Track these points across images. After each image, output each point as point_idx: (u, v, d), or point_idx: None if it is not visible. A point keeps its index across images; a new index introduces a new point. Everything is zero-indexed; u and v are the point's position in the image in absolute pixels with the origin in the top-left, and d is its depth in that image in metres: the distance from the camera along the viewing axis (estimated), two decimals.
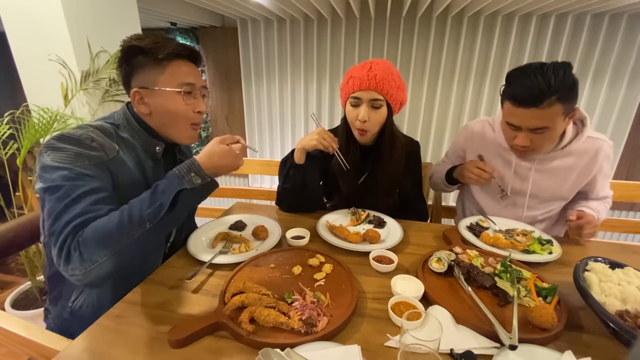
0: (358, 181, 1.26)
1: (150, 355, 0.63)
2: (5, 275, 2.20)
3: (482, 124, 1.27)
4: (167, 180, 0.75)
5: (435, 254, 0.91)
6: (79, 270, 0.67)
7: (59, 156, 0.73)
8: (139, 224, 0.69)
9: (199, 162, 0.77)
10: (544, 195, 1.19)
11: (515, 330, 0.63)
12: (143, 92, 0.84)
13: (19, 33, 1.56)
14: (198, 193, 0.77)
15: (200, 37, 3.10)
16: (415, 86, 2.78)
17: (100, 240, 0.67)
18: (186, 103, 0.86)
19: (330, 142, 1.11)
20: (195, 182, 0.75)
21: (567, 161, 1.13)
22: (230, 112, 3.33)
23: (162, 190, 0.73)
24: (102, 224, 0.69)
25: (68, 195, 0.70)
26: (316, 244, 1.04)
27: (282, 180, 1.21)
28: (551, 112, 0.95)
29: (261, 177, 3.44)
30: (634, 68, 2.37)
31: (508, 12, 2.32)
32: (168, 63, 0.83)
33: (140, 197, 0.74)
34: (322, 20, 2.73)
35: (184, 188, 0.73)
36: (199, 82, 0.88)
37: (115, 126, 0.86)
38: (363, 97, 1.08)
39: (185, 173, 0.75)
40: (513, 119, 1.02)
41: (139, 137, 0.88)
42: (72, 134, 0.76)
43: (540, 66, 0.95)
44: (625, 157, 2.60)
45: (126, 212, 0.70)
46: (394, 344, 0.65)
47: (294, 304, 0.72)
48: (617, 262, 0.81)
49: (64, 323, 0.86)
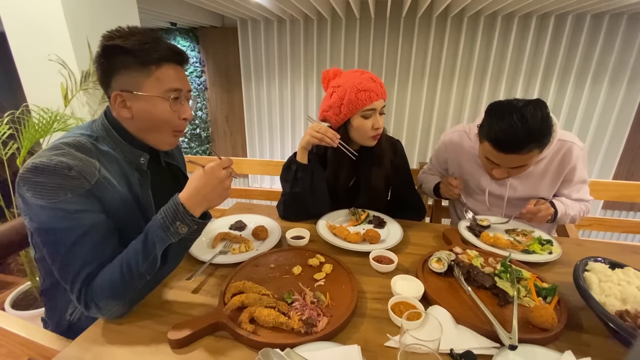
0: (349, 184, 1.28)
1: (150, 355, 0.63)
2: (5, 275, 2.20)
3: (459, 134, 1.30)
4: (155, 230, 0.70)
5: (435, 254, 0.91)
6: (100, 314, 0.71)
7: (39, 192, 0.67)
8: (139, 277, 0.70)
9: (184, 207, 0.69)
10: (522, 198, 1.21)
11: (515, 330, 0.63)
12: (125, 95, 0.77)
13: (19, 33, 1.56)
14: (186, 241, 0.74)
15: (200, 37, 3.10)
16: (415, 86, 2.78)
17: (109, 295, 0.68)
18: (173, 110, 0.80)
19: (325, 132, 1.09)
20: (181, 231, 0.69)
21: (541, 165, 1.17)
22: (230, 112, 3.33)
23: (152, 242, 0.69)
24: (107, 279, 0.69)
25: (63, 243, 0.68)
26: (316, 244, 1.04)
27: (290, 185, 1.16)
28: (530, 155, 1.00)
29: (261, 177, 3.44)
30: (634, 68, 2.37)
31: (508, 12, 2.32)
32: (156, 68, 0.77)
33: (134, 245, 0.71)
34: (322, 20, 2.73)
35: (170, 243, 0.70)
36: (186, 87, 0.83)
37: (94, 139, 0.78)
38: (377, 106, 1.10)
39: (170, 223, 0.69)
40: (493, 158, 1.06)
41: (121, 150, 0.81)
42: (47, 164, 0.67)
43: (520, 110, 0.95)
44: (625, 157, 2.61)
45: (125, 266, 0.69)
46: (394, 344, 0.65)
47: (294, 304, 0.72)
48: (617, 262, 0.81)
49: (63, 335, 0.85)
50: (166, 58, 0.78)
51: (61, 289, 0.84)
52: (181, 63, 0.83)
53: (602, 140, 2.59)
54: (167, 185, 0.96)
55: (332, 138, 1.08)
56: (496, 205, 1.26)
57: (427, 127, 2.89)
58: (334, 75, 1.17)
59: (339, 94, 1.10)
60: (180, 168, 1.03)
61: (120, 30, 0.76)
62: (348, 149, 1.12)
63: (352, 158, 1.14)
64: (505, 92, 2.61)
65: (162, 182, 0.93)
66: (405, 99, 2.83)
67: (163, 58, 0.77)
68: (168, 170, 0.98)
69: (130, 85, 0.76)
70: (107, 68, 0.76)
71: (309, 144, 1.11)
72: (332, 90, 1.13)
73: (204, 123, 3.40)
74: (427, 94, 2.77)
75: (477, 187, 1.27)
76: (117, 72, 0.76)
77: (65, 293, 0.84)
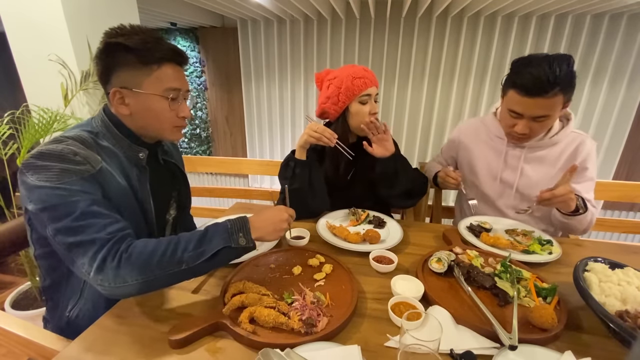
0: (347, 177, 1.30)
1: (150, 355, 0.63)
2: (5, 275, 2.20)
3: (474, 121, 1.37)
4: (219, 230, 0.74)
5: (435, 254, 0.91)
6: (108, 283, 0.65)
7: (44, 176, 0.68)
8: (177, 262, 0.68)
9: (249, 225, 0.76)
10: (532, 185, 1.21)
11: (515, 330, 0.63)
12: (124, 92, 0.78)
13: (19, 33, 1.56)
14: (238, 253, 0.76)
15: (200, 37, 3.10)
16: (416, 86, 2.78)
17: (141, 264, 0.66)
18: (171, 109, 0.82)
19: (323, 131, 1.11)
20: (240, 243, 0.74)
21: (554, 151, 1.18)
22: (230, 113, 3.32)
23: (210, 238, 0.72)
24: (149, 250, 0.68)
25: (71, 213, 0.67)
26: (316, 244, 1.04)
27: (289, 182, 1.17)
28: (554, 102, 1.00)
29: (261, 177, 3.43)
30: (634, 68, 2.37)
31: (508, 12, 2.32)
32: (157, 67, 0.78)
33: (190, 234, 0.73)
34: (322, 20, 2.73)
35: (228, 245, 0.72)
36: (185, 87, 0.85)
37: (94, 134, 0.80)
38: (372, 92, 1.17)
39: (236, 231, 0.74)
40: (517, 107, 1.05)
41: (121, 145, 0.82)
42: (52, 149, 0.70)
43: (546, 57, 0.98)
44: (625, 157, 2.60)
45: (172, 246, 0.69)
46: (393, 344, 0.65)
47: (293, 304, 0.72)
48: (617, 263, 0.81)
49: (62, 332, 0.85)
50: (167, 58, 0.79)
51: (62, 286, 0.85)
52: (181, 63, 0.84)
53: (602, 141, 2.58)
54: (164, 182, 0.98)
55: (330, 138, 1.11)
56: (505, 195, 1.26)
57: (427, 127, 2.89)
58: (327, 73, 1.23)
59: (336, 84, 1.16)
60: (178, 165, 1.04)
61: (123, 28, 0.77)
62: (345, 149, 1.15)
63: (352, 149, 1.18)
64: None
65: (160, 178, 0.95)
66: (405, 99, 2.83)
67: (164, 58, 0.79)
68: (166, 167, 1.00)
69: (130, 83, 0.78)
70: (108, 65, 0.77)
71: (307, 143, 1.14)
72: (328, 83, 1.20)
73: (204, 123, 3.40)
74: (427, 94, 2.77)
75: (488, 173, 1.27)
76: (118, 69, 0.77)
77: (66, 290, 0.84)
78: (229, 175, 3.54)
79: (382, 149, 1.15)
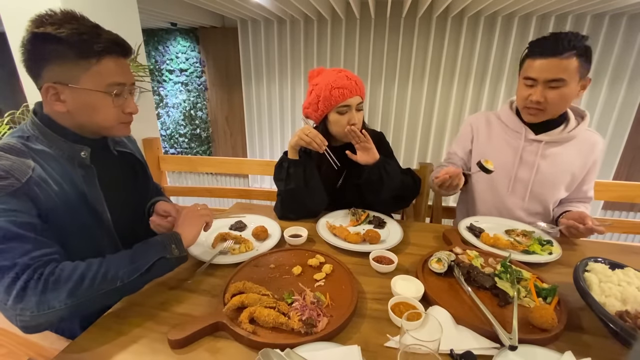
0: (337, 183, 1.28)
1: (150, 355, 0.63)
2: None
3: (485, 113, 1.33)
4: (149, 244, 0.75)
5: (435, 255, 0.91)
6: (30, 311, 0.58)
7: None
8: (111, 279, 0.66)
9: (180, 236, 0.79)
10: (545, 182, 1.20)
11: (515, 330, 0.63)
12: (59, 87, 0.69)
13: (19, 33, 1.55)
14: (172, 264, 0.77)
15: (200, 38, 3.10)
16: (416, 86, 2.78)
17: (72, 285, 0.62)
18: (115, 105, 0.75)
19: (314, 136, 1.10)
20: (174, 253, 0.75)
21: (570, 148, 1.17)
22: (230, 113, 3.33)
23: (144, 252, 0.72)
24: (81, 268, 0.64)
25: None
26: (316, 244, 1.04)
27: (285, 182, 1.18)
28: (569, 64, 1.01)
29: (261, 177, 3.44)
30: (634, 68, 2.37)
31: (508, 12, 2.32)
32: (97, 61, 0.70)
33: (120, 253, 0.72)
34: (322, 20, 2.73)
35: (163, 256, 0.73)
36: (129, 80, 0.77)
37: (25, 139, 0.71)
38: (352, 103, 1.12)
39: (168, 243, 0.75)
40: (531, 71, 1.07)
41: (57, 146, 0.74)
42: None
43: (561, 30, 1.04)
44: (625, 157, 2.60)
45: (104, 264, 0.67)
46: (394, 344, 0.65)
47: (293, 305, 0.72)
48: (617, 263, 0.81)
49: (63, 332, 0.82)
50: (108, 50, 0.71)
51: None
52: (125, 55, 0.76)
53: None
54: (121, 177, 0.91)
55: (320, 144, 1.11)
56: (517, 193, 1.23)
57: (427, 127, 2.89)
58: (317, 73, 1.21)
59: (316, 92, 1.15)
60: (135, 155, 0.96)
61: (52, 15, 0.68)
62: (332, 159, 1.15)
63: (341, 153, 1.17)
64: (505, 92, 2.61)
65: (115, 173, 0.89)
66: (405, 99, 2.83)
67: (105, 50, 0.70)
68: (121, 159, 0.92)
69: (64, 78, 0.69)
70: (37, 57, 0.69)
71: (297, 144, 1.14)
72: (311, 88, 1.19)
73: (204, 123, 3.41)
74: (427, 94, 2.77)
75: (502, 169, 1.23)
76: (50, 62, 0.68)
77: None
78: (229, 175, 3.55)
79: (365, 156, 1.13)
